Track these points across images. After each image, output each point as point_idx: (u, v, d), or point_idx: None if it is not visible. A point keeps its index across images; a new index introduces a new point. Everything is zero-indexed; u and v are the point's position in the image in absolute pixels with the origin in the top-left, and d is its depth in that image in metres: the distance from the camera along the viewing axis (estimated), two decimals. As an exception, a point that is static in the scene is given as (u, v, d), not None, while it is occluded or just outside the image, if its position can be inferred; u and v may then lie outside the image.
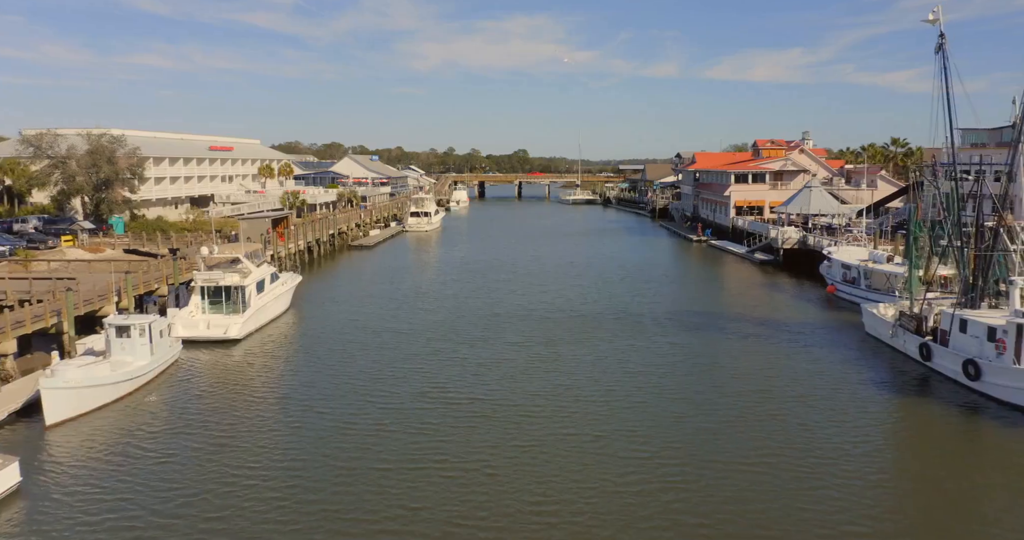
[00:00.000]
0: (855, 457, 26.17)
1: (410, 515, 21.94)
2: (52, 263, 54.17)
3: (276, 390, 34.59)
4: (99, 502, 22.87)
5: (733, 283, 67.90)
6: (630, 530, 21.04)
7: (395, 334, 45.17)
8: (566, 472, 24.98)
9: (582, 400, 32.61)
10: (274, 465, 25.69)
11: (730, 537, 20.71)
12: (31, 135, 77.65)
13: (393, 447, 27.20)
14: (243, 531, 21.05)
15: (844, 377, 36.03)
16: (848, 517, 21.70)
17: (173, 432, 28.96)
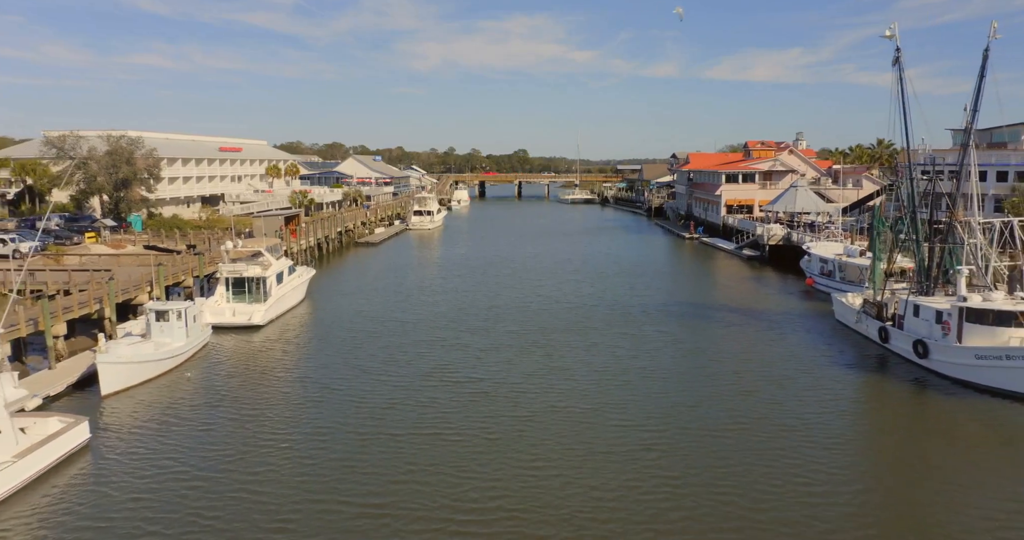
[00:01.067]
0: (816, 425, 29.89)
1: (420, 471, 25.64)
2: (83, 257, 57.96)
3: (296, 370, 38.38)
4: (153, 459, 26.66)
5: (720, 277, 71.77)
6: (616, 482, 24.75)
7: (401, 323, 48.95)
8: (558, 437, 28.73)
9: (574, 379, 36.37)
10: (299, 432, 29.43)
11: (702, 486, 24.42)
12: (54, 137, 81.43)
13: (403, 418, 30.92)
14: (277, 485, 24.79)
15: (812, 359, 39.88)
16: (808, 473, 25.35)
17: (210, 405, 32.77)
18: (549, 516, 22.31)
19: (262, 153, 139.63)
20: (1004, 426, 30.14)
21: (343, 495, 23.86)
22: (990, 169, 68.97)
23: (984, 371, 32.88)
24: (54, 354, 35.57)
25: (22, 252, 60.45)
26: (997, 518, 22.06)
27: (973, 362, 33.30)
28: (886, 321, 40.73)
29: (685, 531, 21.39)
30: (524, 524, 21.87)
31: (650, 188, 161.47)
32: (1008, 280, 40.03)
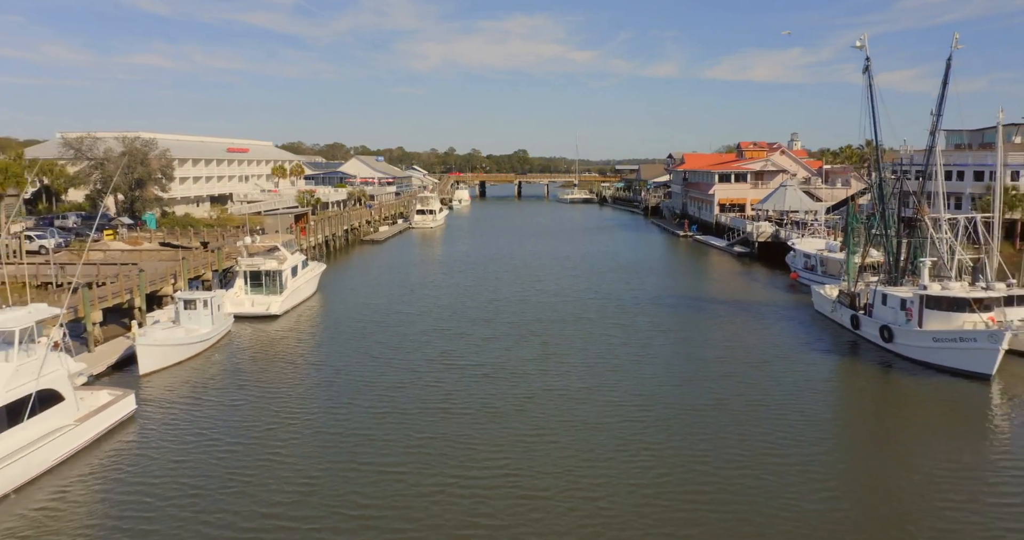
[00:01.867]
0: (788, 402, 33.06)
1: (430, 440, 28.78)
2: (106, 253, 61.22)
3: (312, 355, 41.61)
4: (190, 429, 29.87)
5: (711, 273, 75.04)
6: (604, 448, 27.92)
7: (407, 315, 52.19)
8: (554, 412, 31.91)
9: (568, 364, 39.57)
10: (318, 409, 32.58)
11: (681, 452, 27.59)
12: (72, 138, 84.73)
13: (412, 396, 34.08)
14: (301, 452, 28.02)
15: (789, 345, 43.14)
16: (777, 440, 28.50)
17: (236, 384, 36.00)
18: (545, 476, 25.48)
19: (268, 154, 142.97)
20: (955, 401, 33.39)
21: (361, 460, 27.03)
22: (967, 169, 72.30)
23: (940, 352, 36.18)
24: (92, 339, 38.81)
25: (48, 249, 63.80)
26: (941, 476, 25.25)
27: (931, 344, 36.60)
28: (858, 310, 44.01)
29: (664, 487, 24.58)
30: (523, 482, 25.04)
31: (647, 188, 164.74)
32: (972, 271, 43.26)
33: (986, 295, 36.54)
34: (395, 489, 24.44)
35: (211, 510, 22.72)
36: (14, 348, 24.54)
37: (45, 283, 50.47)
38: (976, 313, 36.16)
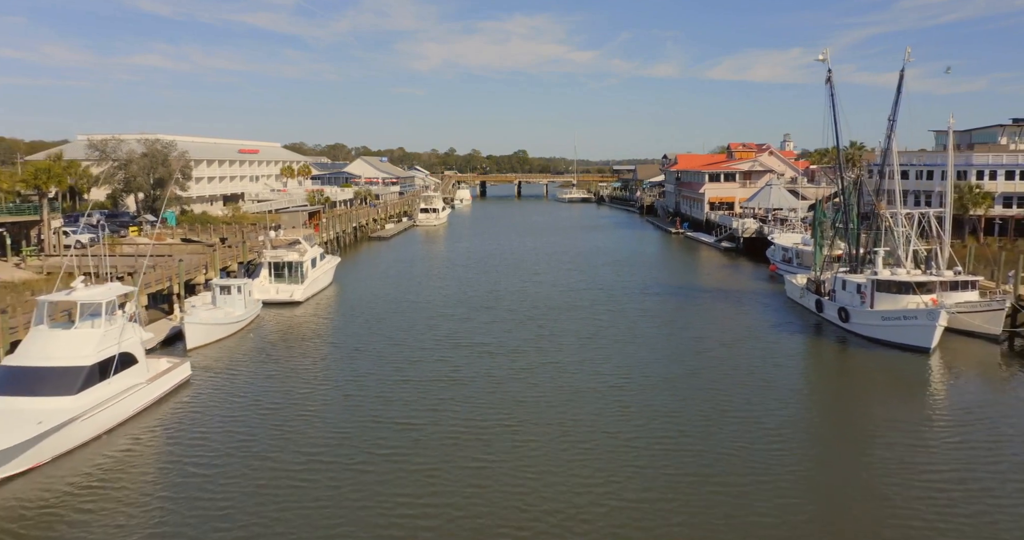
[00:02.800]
0: (753, 373, 37.89)
1: (439, 404, 33.55)
2: (138, 247, 66.29)
3: (333, 336, 46.60)
4: (236, 393, 34.82)
5: (698, 266, 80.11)
6: (589, 410, 32.74)
7: (415, 303, 57.20)
8: (547, 381, 36.81)
9: (561, 343, 44.56)
10: (342, 379, 37.43)
11: (654, 411, 32.53)
12: (97, 140, 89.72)
13: (423, 369, 38.96)
14: (331, 412, 33.02)
15: (761, 326, 48.18)
16: (741, 402, 33.44)
17: (271, 359, 41.01)
18: (539, 430, 30.36)
19: (276, 155, 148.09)
20: (898, 371, 38.43)
21: (384, 417, 31.95)
22: (936, 169, 77.35)
23: (887, 329, 41.24)
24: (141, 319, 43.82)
25: (83, 243, 68.85)
26: (882, 432, 30.17)
27: (880, 323, 41.68)
28: (823, 295, 49.09)
29: (637, 439, 29.40)
30: (520, 432, 29.97)
31: (643, 187, 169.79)
32: (925, 260, 48.34)
33: (927, 279, 41.66)
34: (414, 437, 29.40)
35: (262, 453, 27.64)
36: (101, 318, 29.63)
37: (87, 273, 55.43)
38: (919, 295, 41.23)
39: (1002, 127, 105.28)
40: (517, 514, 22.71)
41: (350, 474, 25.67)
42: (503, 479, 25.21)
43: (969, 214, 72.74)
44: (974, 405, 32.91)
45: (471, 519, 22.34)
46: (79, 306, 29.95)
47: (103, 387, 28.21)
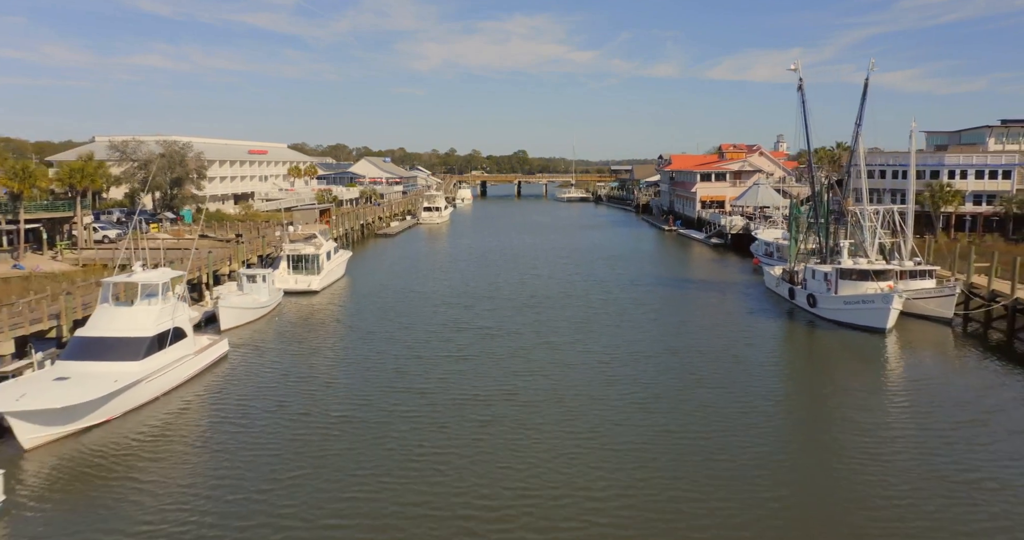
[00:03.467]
0: (726, 351, 42.44)
1: (447, 374, 38.20)
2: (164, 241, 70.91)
3: (349, 321, 51.20)
4: (267, 366, 39.41)
5: (687, 260, 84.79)
6: (578, 380, 37.40)
7: (421, 293, 61.81)
8: (541, 357, 41.39)
9: (555, 326, 49.19)
10: (360, 356, 42.07)
11: (636, 379, 37.23)
12: (118, 142, 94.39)
13: (431, 348, 43.53)
14: (353, 381, 37.67)
15: (739, 312, 52.85)
16: (717, 377, 38.16)
17: (295, 340, 45.62)
18: (534, 395, 34.97)
19: (284, 155, 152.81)
20: (858, 348, 43.11)
21: (399, 385, 36.51)
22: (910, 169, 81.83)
23: (848, 312, 45.93)
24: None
25: (111, 238, 73.59)
26: (835, 397, 34.85)
27: (842, 307, 46.36)
28: (795, 284, 53.76)
29: (618, 402, 34.06)
30: (517, 399, 34.52)
31: (639, 187, 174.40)
32: (889, 251, 53.04)
33: (884, 268, 46.37)
34: (426, 401, 33.95)
35: (296, 413, 32.23)
36: (158, 297, 34.31)
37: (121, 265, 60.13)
38: (877, 282, 45.91)
39: (990, 128, 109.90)
40: (515, 457, 27.38)
41: (374, 427, 30.34)
42: (503, 432, 29.84)
43: (941, 211, 77.42)
44: (920, 377, 37.59)
45: (477, 462, 26.97)
46: (140, 287, 34.60)
47: (161, 356, 32.87)
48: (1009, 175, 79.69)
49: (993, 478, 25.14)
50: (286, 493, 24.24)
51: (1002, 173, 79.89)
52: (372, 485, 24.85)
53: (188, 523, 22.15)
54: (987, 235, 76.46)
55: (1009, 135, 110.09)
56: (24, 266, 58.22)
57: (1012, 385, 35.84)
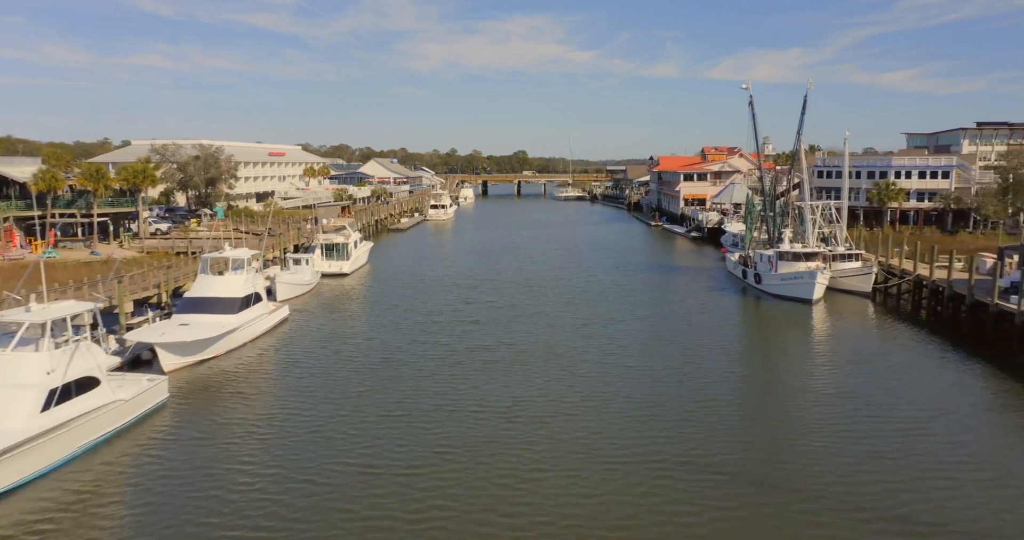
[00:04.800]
0: (685, 320, 53.31)
1: (461, 334, 49.05)
2: (209, 233, 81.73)
3: (376, 297, 61.90)
4: (315, 327, 50.06)
5: (667, 251, 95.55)
6: (562, 336, 48.27)
7: (435, 277, 72.43)
8: (534, 321, 52.13)
9: (547, 300, 59.91)
10: (385, 323, 52.66)
11: (609, 337, 48.01)
12: (158, 145, 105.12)
13: (446, 316, 54.17)
14: (389, 337, 48.47)
15: (702, 289, 63.61)
16: (673, 334, 49.02)
17: (336, 309, 56.37)
18: (527, 346, 45.74)
19: (299, 157, 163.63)
20: (788, 314, 53.90)
21: (422, 341, 47.11)
22: (863, 169, 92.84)
23: (784, 287, 56.72)
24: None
25: (163, 230, 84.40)
26: (765, 350, 45.78)
27: (780, 282, 57.14)
28: (748, 267, 64.57)
29: (589, 350, 44.87)
30: (514, 348, 45.24)
31: (632, 186, 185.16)
32: (825, 239, 63.82)
33: (813, 251, 57.21)
34: (446, 348, 44.54)
35: (346, 358, 42.93)
36: (243, 269, 45.12)
37: (179, 252, 70.96)
38: (806, 262, 56.75)
39: (964, 130, 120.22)
40: (511, 380, 38.14)
41: (409, 364, 41.13)
42: (504, 368, 40.54)
43: (887, 206, 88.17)
44: (838, 336, 48.38)
45: (485, 381, 37.73)
46: (230, 261, 45.40)
47: (248, 312, 43.65)
48: (948, 175, 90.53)
49: (893, 413, 36.03)
50: (348, 402, 34.99)
51: (941, 173, 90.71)
52: (410, 393, 35.60)
53: (282, 418, 32.90)
54: (927, 228, 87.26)
55: (982, 137, 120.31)
56: (100, 253, 68.95)
57: (914, 344, 46.52)
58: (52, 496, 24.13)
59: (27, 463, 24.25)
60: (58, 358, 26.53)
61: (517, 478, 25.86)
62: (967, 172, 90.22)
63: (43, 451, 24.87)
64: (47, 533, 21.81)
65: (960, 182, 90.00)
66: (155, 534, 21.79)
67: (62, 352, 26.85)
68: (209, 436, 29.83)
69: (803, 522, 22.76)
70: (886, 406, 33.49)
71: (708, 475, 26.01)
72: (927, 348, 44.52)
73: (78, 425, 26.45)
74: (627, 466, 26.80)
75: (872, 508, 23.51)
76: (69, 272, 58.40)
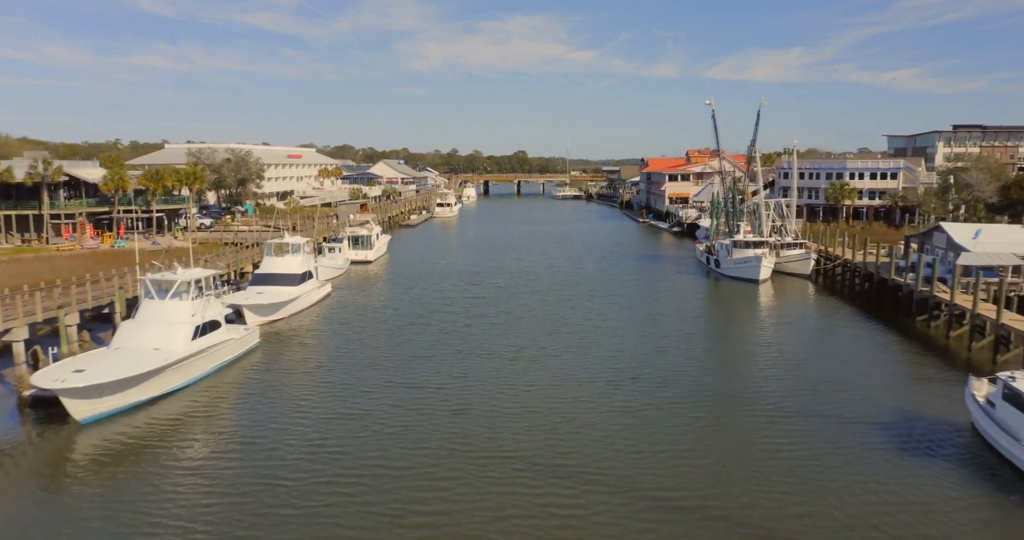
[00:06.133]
0: (654, 296, 65.30)
1: (468, 304, 61.00)
2: (247, 227, 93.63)
3: (398, 278, 73.73)
4: (353, 300, 61.92)
5: (649, 243, 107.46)
6: (551, 308, 60.24)
7: (444, 265, 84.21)
8: (528, 296, 64.02)
9: (540, 282, 71.76)
10: (405, 300, 64.45)
11: (587, 308, 59.95)
12: (195, 149, 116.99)
13: (457, 293, 66.04)
14: (407, 307, 60.43)
15: (672, 273, 75.54)
16: (644, 306, 61.00)
17: (365, 287, 68.28)
18: (522, 313, 57.63)
19: (314, 159, 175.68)
20: (739, 291, 65.77)
21: (443, 310, 58.84)
22: (821, 171, 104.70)
23: (738, 269, 68.65)
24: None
25: (207, 225, 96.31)
26: (727, 324, 57.72)
27: (734, 266, 69.07)
28: (711, 254, 76.50)
29: (572, 317, 56.74)
30: (511, 316, 57.12)
31: (625, 186, 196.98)
32: (776, 231, 75.68)
33: (760, 240, 69.16)
34: (460, 316, 56.26)
35: (382, 321, 54.69)
36: (300, 252, 57.10)
37: (226, 243, 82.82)
38: (755, 249, 68.70)
39: (939, 133, 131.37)
40: (510, 337, 50.04)
41: (433, 326, 52.99)
42: (504, 328, 52.40)
43: (842, 203, 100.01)
44: (775, 305, 60.35)
45: (489, 340, 49.62)
46: (290, 245, 57.31)
47: (303, 286, 55.52)
48: (896, 176, 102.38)
49: (808, 358, 47.98)
50: (387, 348, 46.86)
51: (890, 175, 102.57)
52: (433, 345, 47.44)
53: (337, 357, 44.74)
54: (876, 222, 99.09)
55: (956, 139, 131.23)
56: (160, 243, 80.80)
57: (834, 311, 58.56)
58: (196, 398, 35.94)
59: (185, 373, 36.11)
60: (198, 306, 38.41)
61: (514, 394, 37.73)
62: (913, 173, 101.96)
63: (192, 367, 36.71)
64: (194, 419, 33.71)
65: (907, 182, 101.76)
66: (257, 423, 33.61)
67: (200, 302, 38.73)
68: (288, 368, 41.66)
69: (715, 425, 34.62)
70: (803, 354, 45.36)
71: (657, 397, 37.91)
72: (844, 313, 56.50)
73: (211, 352, 38.34)
74: (588, 384, 38.64)
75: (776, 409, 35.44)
76: (143, 257, 70.39)
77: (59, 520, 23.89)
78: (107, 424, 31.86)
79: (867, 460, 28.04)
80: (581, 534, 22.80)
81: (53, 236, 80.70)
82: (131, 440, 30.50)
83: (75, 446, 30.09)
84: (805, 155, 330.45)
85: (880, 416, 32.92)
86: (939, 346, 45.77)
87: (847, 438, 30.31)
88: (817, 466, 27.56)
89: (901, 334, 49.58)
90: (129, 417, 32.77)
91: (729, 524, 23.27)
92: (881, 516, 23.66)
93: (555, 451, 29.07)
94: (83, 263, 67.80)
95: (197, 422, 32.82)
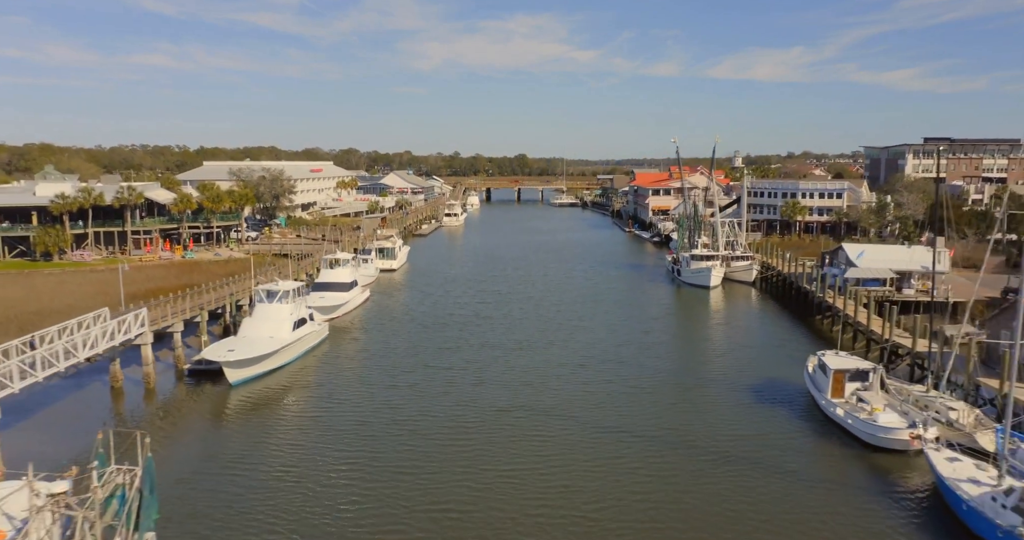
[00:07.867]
0: (624, 299, 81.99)
1: (479, 298, 77.54)
2: (284, 239, 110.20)
3: (418, 284, 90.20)
4: (385, 304, 78.38)
5: (629, 251, 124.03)
6: (544, 302, 76.85)
7: (455, 275, 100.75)
8: (525, 294, 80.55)
9: (534, 287, 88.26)
10: (432, 299, 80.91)
11: (566, 300, 76.58)
12: (236, 168, 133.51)
13: (470, 294, 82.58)
14: (433, 301, 77.13)
15: (642, 279, 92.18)
16: (616, 305, 77.71)
17: (395, 291, 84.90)
18: (520, 303, 74.23)
19: (333, 172, 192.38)
20: (695, 295, 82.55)
21: (460, 305, 75.51)
22: (778, 190, 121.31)
23: (694, 276, 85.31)
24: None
25: (253, 237, 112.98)
26: (672, 316, 74.54)
27: (692, 274, 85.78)
28: (676, 264, 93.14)
29: (560, 310, 73.44)
30: (513, 305, 73.74)
31: (617, 194, 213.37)
32: (729, 245, 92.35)
33: (712, 253, 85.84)
34: (472, 312, 72.99)
35: (414, 316, 71.32)
36: (349, 265, 73.75)
37: (275, 254, 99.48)
38: (708, 262, 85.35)
39: (909, 146, 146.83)
40: (512, 327, 66.70)
41: (458, 319, 69.55)
42: (506, 325, 69.01)
43: (795, 219, 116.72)
44: (721, 307, 77.04)
45: (494, 333, 66.25)
46: (340, 260, 74.01)
47: (352, 292, 72.05)
48: (841, 195, 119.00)
49: (740, 345, 64.77)
50: (420, 338, 63.47)
51: (836, 194, 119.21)
52: (456, 337, 63.93)
53: (385, 342, 61.38)
54: (823, 236, 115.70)
55: (925, 151, 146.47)
56: (221, 254, 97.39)
57: (764, 311, 75.35)
58: (297, 372, 52.50)
59: (288, 354, 52.69)
60: (295, 307, 55.00)
61: (514, 372, 54.30)
62: (856, 193, 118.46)
63: (293, 350, 53.30)
64: (300, 385, 50.39)
65: (851, 201, 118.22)
66: (340, 388, 50.18)
67: (295, 303, 55.32)
68: (351, 354, 58.20)
69: (653, 399, 51.26)
70: (727, 344, 62.03)
71: (613, 374, 54.54)
72: (770, 314, 73.25)
73: (303, 340, 54.95)
74: (565, 366, 55.23)
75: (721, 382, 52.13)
76: (215, 267, 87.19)
77: (221, 442, 40.58)
78: (248, 386, 48.50)
79: (737, 408, 44.68)
80: (561, 447, 39.44)
81: (134, 249, 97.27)
82: (264, 396, 47.12)
83: (229, 399, 46.72)
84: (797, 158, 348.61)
85: (756, 382, 49.54)
86: (825, 337, 62.35)
87: (728, 396, 46.94)
88: (704, 405, 44.29)
89: (806, 329, 66.21)
90: (259, 383, 49.37)
91: (648, 441, 39.96)
92: (734, 440, 40.16)
93: (541, 405, 45.60)
94: (169, 272, 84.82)
95: (302, 387, 49.44)
